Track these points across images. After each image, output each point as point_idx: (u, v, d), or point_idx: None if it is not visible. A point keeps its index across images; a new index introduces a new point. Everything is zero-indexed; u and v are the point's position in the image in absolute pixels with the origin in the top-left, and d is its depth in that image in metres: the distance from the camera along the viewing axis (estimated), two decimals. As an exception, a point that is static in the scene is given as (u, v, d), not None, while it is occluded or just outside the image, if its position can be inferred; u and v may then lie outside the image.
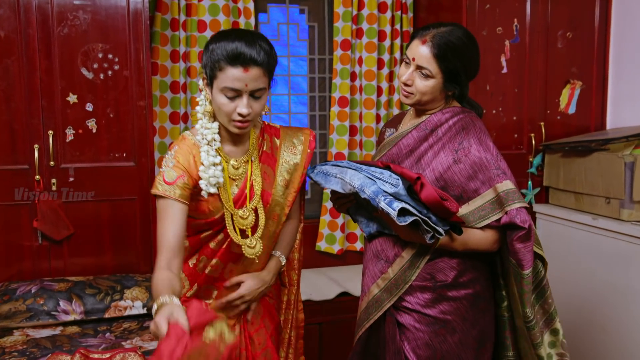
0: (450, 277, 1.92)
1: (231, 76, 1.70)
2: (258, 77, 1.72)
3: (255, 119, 1.80)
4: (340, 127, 3.71)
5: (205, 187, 1.80)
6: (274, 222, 1.95)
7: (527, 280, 1.84)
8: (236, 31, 1.76)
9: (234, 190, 1.87)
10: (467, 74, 1.92)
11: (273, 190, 1.92)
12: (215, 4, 3.38)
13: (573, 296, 3.17)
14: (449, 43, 1.86)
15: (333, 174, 1.89)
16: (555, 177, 3.39)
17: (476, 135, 1.89)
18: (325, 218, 3.77)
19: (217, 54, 1.71)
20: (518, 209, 1.81)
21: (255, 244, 1.88)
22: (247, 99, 1.73)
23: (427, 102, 1.95)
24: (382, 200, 1.74)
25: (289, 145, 1.97)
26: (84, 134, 2.90)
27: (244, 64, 1.69)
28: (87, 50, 2.86)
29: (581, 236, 3.13)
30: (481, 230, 1.88)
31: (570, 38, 3.48)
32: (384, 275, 1.97)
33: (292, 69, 3.85)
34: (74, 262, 2.94)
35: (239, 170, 1.88)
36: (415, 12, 3.79)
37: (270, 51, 1.75)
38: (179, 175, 1.77)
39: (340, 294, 3.37)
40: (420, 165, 1.93)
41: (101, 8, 2.86)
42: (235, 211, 1.85)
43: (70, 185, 2.89)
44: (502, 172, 1.85)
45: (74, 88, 2.86)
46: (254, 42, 1.71)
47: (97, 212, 2.95)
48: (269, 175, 1.92)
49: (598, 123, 3.55)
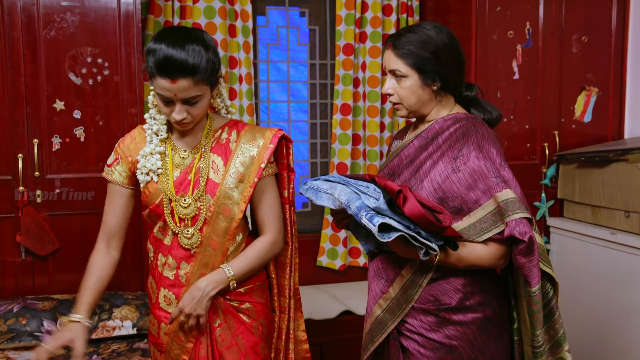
0: (454, 300, 1.88)
1: (160, 85, 1.76)
2: (187, 88, 1.76)
3: (197, 120, 1.87)
4: (342, 135, 3.70)
5: (140, 175, 1.92)
6: (225, 217, 1.92)
7: (535, 298, 1.79)
8: (170, 33, 1.79)
9: (176, 174, 1.93)
10: (440, 61, 1.88)
11: (222, 182, 1.92)
12: (211, 7, 3.37)
13: (590, 318, 3.14)
14: (409, 39, 1.88)
15: (323, 190, 1.87)
16: (571, 189, 3.37)
17: (476, 142, 1.86)
18: (326, 232, 3.75)
19: (150, 60, 1.76)
20: (517, 220, 1.75)
21: (193, 234, 1.91)
22: (179, 106, 1.80)
23: (418, 106, 1.94)
24: (364, 216, 1.70)
25: (249, 138, 1.97)
26: (72, 142, 2.88)
27: (171, 76, 1.74)
28: (75, 54, 2.84)
29: (599, 252, 3.10)
30: (484, 245, 1.83)
31: (586, 42, 3.47)
32: (385, 295, 1.95)
33: (291, 74, 3.84)
34: (60, 279, 2.91)
35: (185, 160, 1.94)
36: (422, 16, 3.79)
37: (203, 56, 1.77)
38: (114, 159, 1.98)
39: (342, 313, 3.34)
40: (419, 175, 1.91)
41: (90, 10, 2.84)
42: (175, 197, 1.91)
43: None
44: (502, 180, 1.80)
45: (61, 94, 2.85)
46: (183, 48, 1.74)
47: (85, 225, 2.91)
48: (218, 165, 1.94)
49: (615, 132, 3.54)
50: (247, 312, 2.00)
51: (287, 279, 2.10)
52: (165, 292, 1.97)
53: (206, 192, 1.91)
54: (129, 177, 1.96)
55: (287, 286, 2.10)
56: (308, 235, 3.76)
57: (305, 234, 3.76)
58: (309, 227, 3.84)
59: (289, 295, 2.11)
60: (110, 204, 1.97)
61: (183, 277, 1.94)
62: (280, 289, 2.11)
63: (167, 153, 1.94)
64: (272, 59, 3.78)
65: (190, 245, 1.92)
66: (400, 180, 1.95)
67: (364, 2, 3.66)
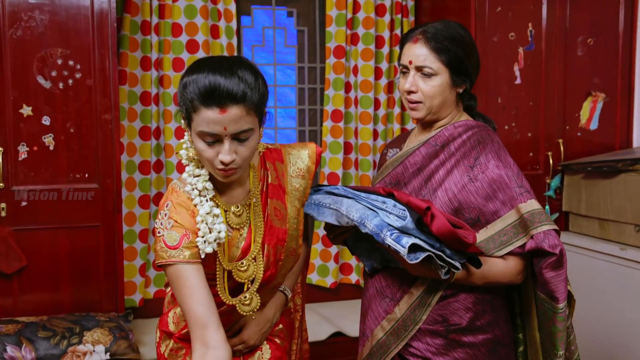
0: (465, 320, 1.85)
1: (206, 118, 1.56)
2: (240, 118, 1.57)
3: (245, 165, 1.66)
4: (333, 144, 3.70)
5: (203, 246, 1.67)
6: (292, 258, 1.88)
7: (561, 316, 1.78)
8: (213, 60, 1.62)
9: (241, 242, 1.77)
10: (472, 63, 1.90)
11: (287, 225, 1.82)
12: (192, 5, 3.38)
13: (598, 339, 3.13)
14: (444, 33, 1.86)
15: (326, 205, 1.85)
16: (576, 202, 3.37)
17: (494, 150, 1.87)
18: (316, 247, 3.75)
19: (190, 91, 1.57)
20: (546, 232, 1.75)
21: (252, 299, 1.77)
22: (229, 144, 1.59)
23: (440, 108, 1.91)
24: (388, 236, 1.68)
25: (295, 169, 1.87)
26: (40, 151, 2.85)
27: (220, 104, 1.55)
28: (45, 55, 2.83)
29: (607, 269, 3.08)
30: (503, 259, 1.82)
31: (592, 45, 3.48)
32: (389, 315, 1.91)
33: (279, 78, 3.85)
34: (26, 299, 2.89)
35: (242, 218, 1.77)
36: (417, 16, 3.83)
37: (255, 82, 1.60)
38: (182, 235, 1.66)
39: (333, 334, 3.34)
40: (431, 185, 1.90)
41: (61, 8, 2.84)
42: (233, 265, 1.75)
43: (23, 210, 2.84)
44: (526, 190, 1.81)
45: (28, 99, 2.83)
46: (232, 73, 1.56)
47: (54, 241, 2.90)
48: (281, 210, 1.81)
49: (623, 140, 3.55)
50: (281, 334, 2.00)
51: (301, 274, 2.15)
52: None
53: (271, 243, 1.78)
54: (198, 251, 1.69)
55: (299, 282, 2.13)
56: (296, 250, 3.76)
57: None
58: (297, 242, 3.84)
59: (302, 292, 2.15)
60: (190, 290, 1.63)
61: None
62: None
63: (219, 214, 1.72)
64: (258, 61, 3.80)
65: (250, 311, 1.77)
66: (407, 189, 1.94)
67: (356, 2, 3.70)
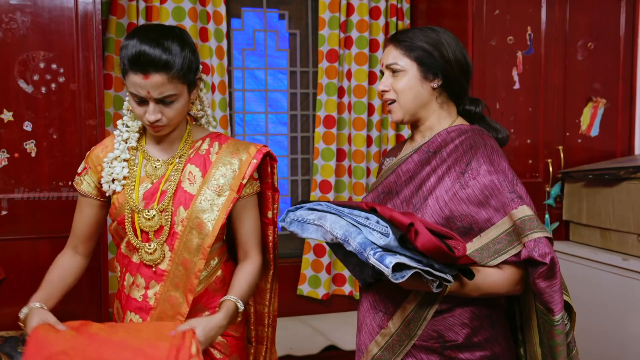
0: (461, 336, 1.84)
1: (133, 82, 1.79)
2: (161, 85, 1.78)
3: (173, 124, 1.88)
4: (325, 150, 3.70)
5: (103, 183, 1.94)
6: (198, 232, 1.91)
7: (558, 329, 1.76)
8: (146, 29, 1.84)
9: (147, 186, 1.94)
10: (443, 56, 1.89)
11: (199, 194, 1.92)
12: (181, 7, 3.38)
13: (600, 353, 3.11)
14: (412, 34, 1.92)
15: (310, 221, 1.83)
16: (577, 210, 3.37)
17: (486, 154, 1.85)
18: (307, 257, 3.75)
19: (122, 55, 1.80)
20: (536, 240, 1.73)
21: (156, 249, 1.91)
22: (153, 105, 1.82)
23: (415, 105, 1.92)
24: (371, 255, 1.66)
25: (232, 151, 1.98)
26: (21, 158, 2.82)
27: (143, 71, 1.76)
28: (26, 59, 2.80)
29: (609, 280, 3.07)
30: (498, 269, 1.79)
31: (592, 49, 3.48)
32: (383, 330, 1.90)
33: (269, 83, 3.86)
34: (5, 312, 2.82)
35: (158, 170, 1.96)
36: (413, 19, 3.84)
37: (180, 52, 1.80)
38: (83, 168, 2.02)
39: (326, 348, 3.33)
40: (422, 193, 1.89)
41: (43, 9, 2.81)
42: (138, 208, 1.92)
43: (3, 219, 2.81)
44: (518, 196, 1.79)
45: (9, 104, 2.80)
46: (157, 43, 1.77)
47: (35, 252, 2.86)
48: (195, 176, 1.94)
49: (625, 147, 3.55)
50: (219, 346, 1.98)
51: (266, 305, 2.11)
52: (131, 316, 1.96)
53: (179, 204, 1.91)
54: (97, 187, 1.99)
55: (266, 314, 2.11)
56: (287, 260, 3.78)
57: (284, 259, 3.78)
58: (288, 252, 3.85)
59: (268, 323, 2.12)
60: (79, 213, 2.02)
61: (152, 299, 1.92)
62: (259, 317, 2.12)
63: (137, 162, 1.96)
64: (248, 65, 3.80)
65: (153, 261, 1.92)
66: (399, 198, 1.93)
67: (350, 5, 3.71)
